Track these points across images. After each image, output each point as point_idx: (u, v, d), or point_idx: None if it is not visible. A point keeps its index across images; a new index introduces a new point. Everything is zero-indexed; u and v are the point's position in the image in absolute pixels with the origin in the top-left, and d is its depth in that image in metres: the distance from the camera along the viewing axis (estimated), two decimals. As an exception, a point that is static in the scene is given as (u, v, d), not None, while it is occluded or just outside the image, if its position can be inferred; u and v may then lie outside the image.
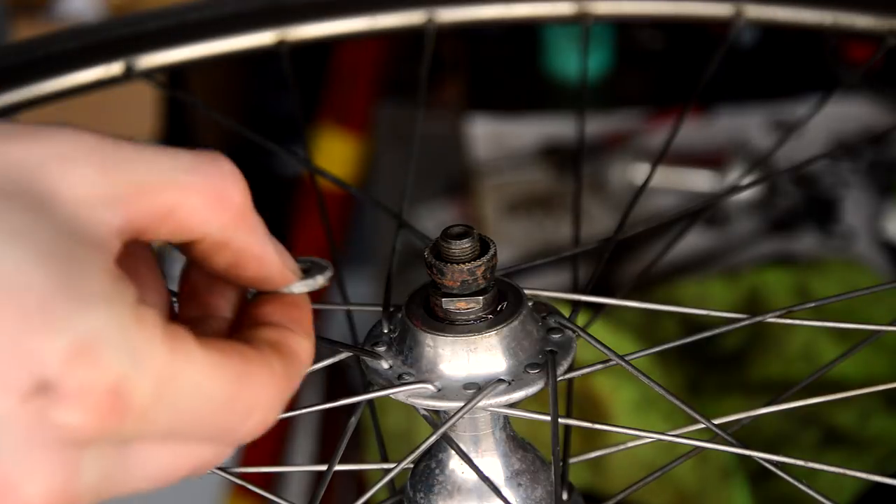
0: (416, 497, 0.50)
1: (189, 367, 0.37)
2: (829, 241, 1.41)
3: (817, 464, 0.49)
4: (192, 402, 0.37)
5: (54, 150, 0.36)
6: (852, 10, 0.70)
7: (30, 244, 0.34)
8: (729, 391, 1.17)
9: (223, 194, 0.39)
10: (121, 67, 0.67)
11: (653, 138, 1.56)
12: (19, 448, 0.34)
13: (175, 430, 0.37)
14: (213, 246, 0.40)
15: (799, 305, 0.54)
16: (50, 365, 0.34)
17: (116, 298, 0.35)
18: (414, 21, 0.70)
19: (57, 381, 0.34)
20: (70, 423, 0.34)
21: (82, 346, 0.34)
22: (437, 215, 1.55)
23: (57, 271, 0.34)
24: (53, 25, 1.77)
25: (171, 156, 0.38)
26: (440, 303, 0.48)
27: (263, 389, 0.39)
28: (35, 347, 0.34)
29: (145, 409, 0.35)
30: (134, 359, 0.35)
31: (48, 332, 0.34)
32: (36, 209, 0.35)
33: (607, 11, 0.72)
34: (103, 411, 0.34)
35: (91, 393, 0.34)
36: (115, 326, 0.35)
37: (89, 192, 0.36)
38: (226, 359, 0.38)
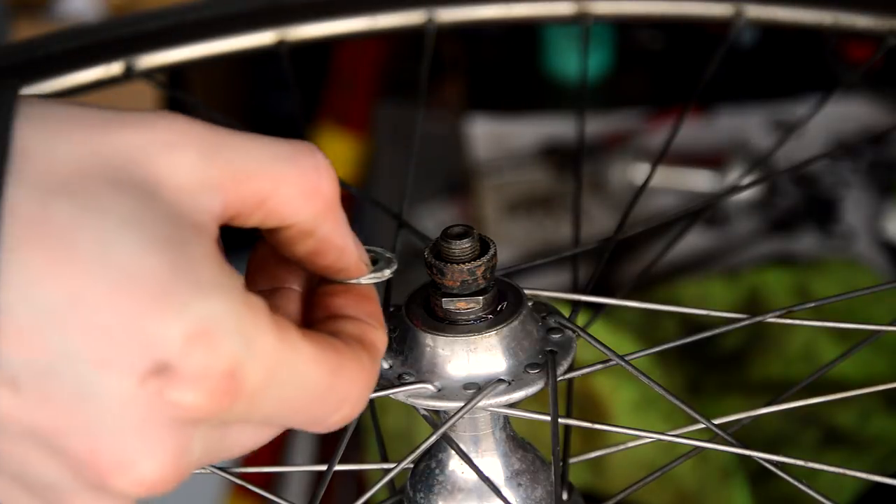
0: (416, 497, 0.50)
1: (294, 356, 0.38)
2: (829, 241, 1.41)
3: (817, 464, 0.49)
4: (294, 390, 0.38)
5: (158, 137, 0.37)
6: (852, 9, 0.70)
7: (143, 231, 0.36)
8: (729, 391, 1.17)
9: (316, 185, 0.40)
10: (121, 67, 0.67)
11: (653, 138, 1.56)
12: (136, 427, 0.36)
13: (275, 415, 0.39)
14: (299, 234, 0.41)
15: (799, 305, 0.54)
16: (169, 348, 0.35)
17: (228, 285, 0.37)
18: (414, 21, 0.70)
19: (175, 364, 0.35)
20: (187, 404, 0.36)
21: (200, 330, 0.35)
22: (437, 215, 1.55)
23: (171, 257, 0.36)
24: (53, 25, 1.77)
25: (268, 145, 0.39)
26: (440, 303, 0.48)
27: (355, 382, 0.40)
28: (155, 331, 0.35)
29: (255, 394, 0.37)
30: (247, 344, 0.36)
31: (167, 317, 0.35)
32: (144, 196, 0.36)
33: (607, 11, 0.72)
34: (218, 393, 0.36)
35: (208, 375, 0.35)
36: (230, 312, 0.36)
37: (191, 178, 0.37)
38: (324, 351, 0.39)
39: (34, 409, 0.35)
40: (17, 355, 0.35)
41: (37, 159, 0.36)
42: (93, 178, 0.36)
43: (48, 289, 0.35)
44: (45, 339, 0.35)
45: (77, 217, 0.35)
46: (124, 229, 0.35)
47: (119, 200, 0.36)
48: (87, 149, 0.37)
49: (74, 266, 0.35)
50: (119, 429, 0.36)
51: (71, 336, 0.35)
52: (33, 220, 0.35)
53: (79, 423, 0.36)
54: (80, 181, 0.36)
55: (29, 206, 0.35)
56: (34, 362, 0.35)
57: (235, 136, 0.39)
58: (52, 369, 0.35)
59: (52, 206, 0.35)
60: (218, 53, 0.69)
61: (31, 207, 0.35)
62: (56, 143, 0.36)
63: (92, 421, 0.36)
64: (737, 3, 0.71)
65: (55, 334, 0.35)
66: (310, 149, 0.40)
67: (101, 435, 0.36)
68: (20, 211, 0.35)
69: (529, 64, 1.74)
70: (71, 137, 0.37)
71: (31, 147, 0.36)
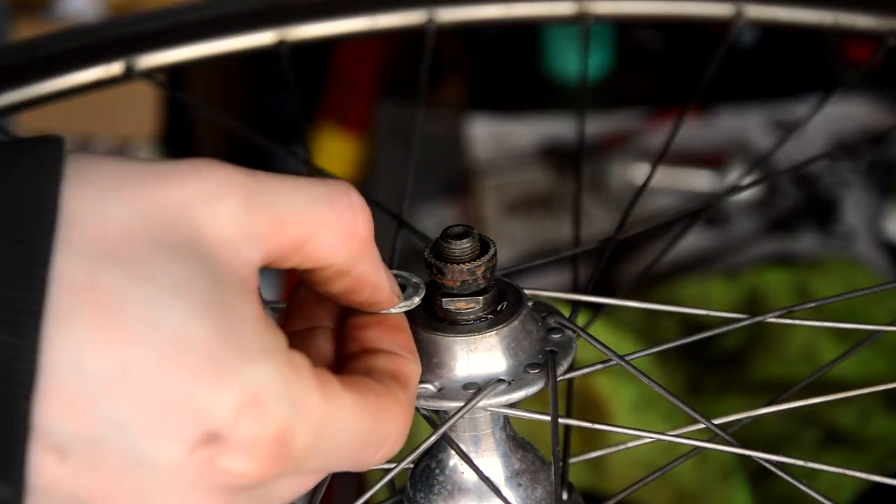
0: (416, 497, 0.50)
1: (338, 410, 0.39)
2: (829, 241, 1.41)
3: (817, 464, 0.49)
4: (339, 443, 0.39)
5: (199, 188, 0.38)
6: (853, 9, 0.70)
7: (191, 297, 0.36)
8: (729, 391, 1.17)
9: (353, 227, 0.40)
10: (121, 67, 0.67)
11: (653, 138, 1.56)
12: (185, 494, 0.36)
13: (319, 468, 0.40)
14: (336, 273, 0.42)
15: (799, 305, 0.53)
16: (219, 417, 0.36)
17: (273, 348, 0.37)
18: (414, 21, 0.70)
19: (226, 433, 0.36)
20: (237, 472, 0.36)
21: (249, 398, 0.36)
22: (437, 215, 1.55)
23: (218, 324, 0.36)
24: (54, 25, 1.77)
25: (305, 188, 0.40)
26: (440, 303, 0.48)
27: (394, 422, 0.41)
28: (205, 400, 0.35)
29: (302, 454, 0.38)
30: (295, 408, 0.37)
31: (217, 386, 0.36)
32: (190, 259, 0.37)
33: (607, 11, 0.72)
34: (268, 460, 0.37)
35: (258, 444, 0.36)
36: (277, 377, 0.37)
37: (232, 230, 0.38)
38: (364, 398, 0.40)
39: (81, 477, 0.36)
40: (66, 424, 0.35)
41: (84, 225, 0.36)
42: (139, 243, 0.36)
43: (98, 358, 0.35)
44: (94, 409, 0.35)
45: (125, 285, 0.36)
46: (172, 297, 0.36)
47: (166, 267, 0.36)
48: (132, 209, 0.37)
49: (124, 335, 0.35)
50: (167, 495, 0.36)
51: (121, 405, 0.35)
52: (82, 288, 0.35)
53: (127, 490, 0.36)
54: (128, 247, 0.36)
55: (77, 274, 0.35)
56: (83, 430, 0.35)
57: (274, 181, 0.39)
58: (101, 438, 0.35)
59: (101, 275, 0.36)
60: (218, 53, 0.69)
61: (79, 276, 0.35)
62: (102, 205, 0.36)
63: (140, 487, 0.36)
64: (737, 4, 0.71)
65: (105, 403, 0.35)
66: (344, 188, 0.41)
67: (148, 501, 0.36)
68: (68, 279, 0.35)
69: (529, 64, 1.74)
70: (116, 197, 0.37)
71: (78, 211, 0.36)
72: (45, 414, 0.35)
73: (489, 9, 0.71)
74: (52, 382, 0.35)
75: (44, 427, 0.35)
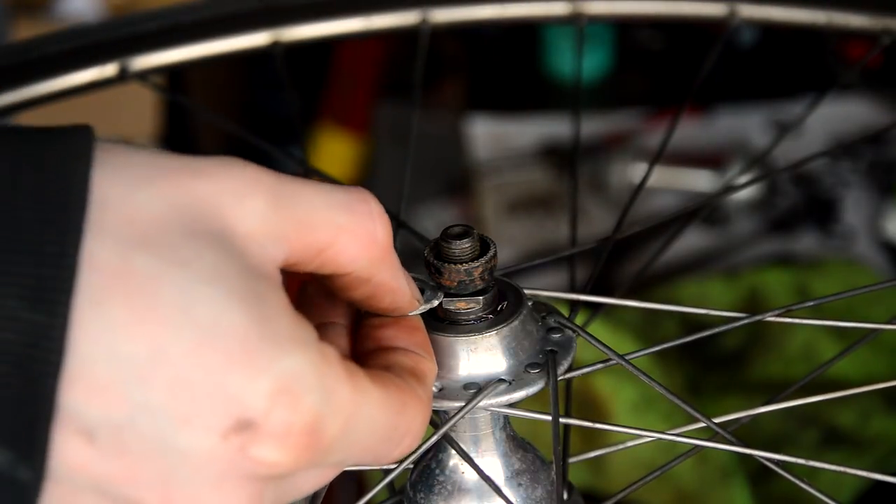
0: (416, 497, 0.50)
1: (367, 403, 0.39)
2: (829, 241, 1.41)
3: (817, 463, 0.49)
4: (364, 434, 0.39)
5: (228, 186, 0.38)
6: (846, 9, 0.70)
7: (224, 285, 0.36)
8: (729, 391, 1.17)
9: (372, 234, 0.41)
10: (115, 69, 0.67)
11: (652, 138, 1.56)
12: (214, 481, 0.36)
13: (345, 459, 0.40)
14: (356, 280, 0.42)
15: (799, 305, 0.53)
16: (253, 406, 0.35)
17: (305, 339, 0.37)
18: (408, 21, 0.70)
19: (259, 421, 0.36)
20: (269, 461, 0.36)
21: (283, 387, 0.36)
22: (437, 215, 1.55)
23: (251, 312, 0.36)
24: (53, 25, 1.77)
25: (326, 193, 0.40)
26: (441, 303, 0.48)
27: (415, 417, 0.41)
28: (238, 388, 0.35)
29: (332, 444, 0.38)
30: (327, 398, 0.37)
31: (251, 374, 0.35)
32: (222, 248, 0.37)
33: (601, 11, 0.72)
34: (300, 449, 0.36)
35: (291, 432, 0.36)
36: (310, 367, 0.37)
37: (259, 227, 0.38)
38: (388, 392, 0.40)
39: (107, 462, 0.36)
40: (95, 407, 0.35)
41: (115, 210, 0.36)
42: (171, 230, 0.36)
43: (131, 342, 0.35)
44: (126, 393, 0.35)
45: (159, 270, 0.35)
46: (206, 284, 0.36)
47: (199, 254, 0.36)
48: (163, 199, 0.37)
49: (157, 320, 0.35)
50: (196, 482, 0.36)
51: (153, 390, 0.35)
52: (115, 272, 0.35)
53: (154, 475, 0.36)
54: (160, 233, 0.36)
55: (110, 258, 0.35)
56: (113, 414, 0.35)
57: (299, 184, 0.39)
58: (132, 422, 0.35)
59: (134, 259, 0.35)
60: (213, 54, 0.69)
61: (111, 260, 0.35)
62: (133, 193, 0.36)
63: (168, 472, 0.36)
64: (731, 3, 0.71)
65: (137, 388, 0.35)
66: (364, 195, 0.41)
67: (176, 487, 0.36)
68: (101, 263, 0.35)
69: (529, 64, 1.74)
70: (148, 187, 0.37)
71: (109, 197, 0.36)
72: (73, 396, 0.35)
73: (484, 9, 0.71)
74: (82, 364, 0.35)
75: (71, 409, 0.35)
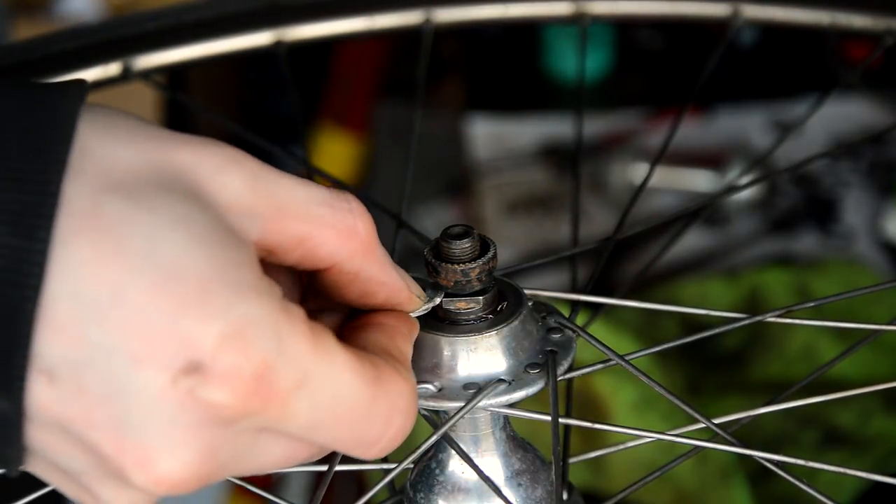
0: (417, 497, 0.50)
1: (330, 364, 0.39)
2: (829, 241, 1.41)
3: (817, 463, 0.49)
4: (332, 398, 0.39)
5: (210, 160, 0.39)
6: (850, 9, 0.70)
7: (190, 230, 0.37)
8: (729, 391, 1.17)
9: (352, 227, 0.41)
10: (118, 68, 0.67)
11: (653, 138, 1.56)
12: (164, 425, 0.36)
13: (314, 427, 0.39)
14: (344, 276, 0.42)
15: (799, 305, 0.53)
16: (203, 347, 0.36)
17: (267, 290, 0.37)
18: (411, 21, 0.70)
19: (208, 363, 0.36)
20: (216, 402, 0.36)
21: (235, 331, 0.36)
22: (437, 215, 1.55)
23: (214, 258, 0.37)
24: (53, 25, 1.77)
25: (306, 186, 0.41)
26: (440, 302, 0.48)
27: (400, 394, 0.41)
28: (191, 330, 0.36)
29: (288, 398, 0.37)
30: (281, 348, 0.37)
31: (205, 317, 0.36)
32: (193, 201, 0.37)
33: (605, 11, 0.72)
34: (247, 393, 0.36)
35: (239, 376, 0.36)
36: (266, 316, 0.37)
37: (235, 200, 0.39)
38: (361, 361, 0.40)
39: (67, 401, 0.36)
40: (57, 346, 0.36)
41: (95, 158, 0.37)
42: (146, 181, 0.37)
43: (92, 282, 0.36)
44: (84, 332, 0.36)
45: (127, 213, 0.36)
46: (172, 228, 0.36)
47: (169, 201, 0.37)
48: (144, 157, 0.38)
49: (120, 261, 0.36)
50: (146, 425, 0.36)
51: (109, 330, 0.36)
52: (85, 214, 0.36)
53: (108, 418, 0.36)
54: (134, 182, 0.37)
55: (82, 200, 0.36)
56: (72, 354, 0.36)
57: (279, 174, 0.40)
58: (89, 362, 0.36)
59: (105, 203, 0.36)
60: (215, 54, 0.69)
61: (84, 202, 0.36)
62: (115, 148, 0.38)
63: (121, 416, 0.36)
64: (734, 3, 0.71)
65: (94, 327, 0.36)
66: (344, 194, 0.42)
67: (128, 430, 0.36)
68: (73, 205, 0.36)
69: (529, 64, 1.74)
70: (130, 145, 0.38)
71: (91, 147, 0.37)
72: (38, 336, 0.36)
73: (487, 9, 0.71)
74: (47, 303, 0.35)
75: (36, 349, 0.36)
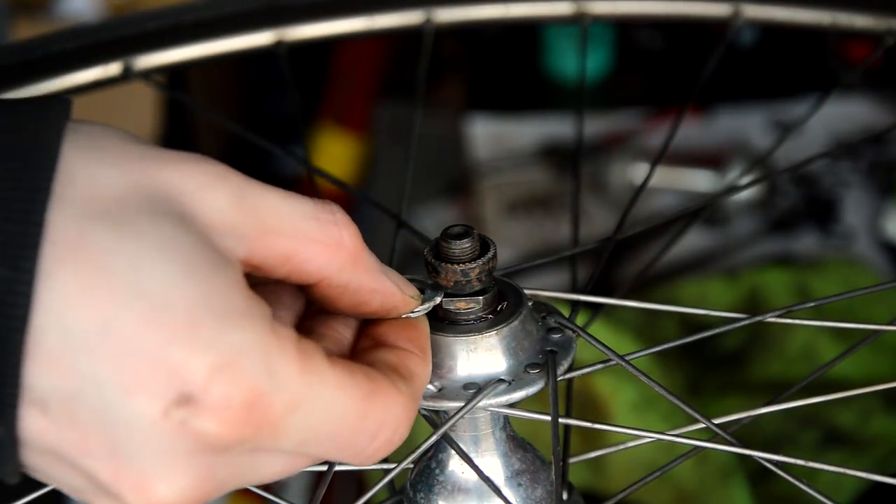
0: (416, 497, 0.50)
1: (320, 384, 0.39)
2: (829, 241, 1.41)
3: (817, 463, 0.49)
4: (322, 417, 0.39)
5: (195, 177, 0.39)
6: (850, 9, 0.70)
7: (178, 257, 0.37)
8: (729, 391, 1.17)
9: (339, 241, 0.41)
10: (119, 68, 0.67)
11: (653, 138, 1.56)
12: (159, 454, 0.37)
13: (307, 443, 0.39)
14: (334, 289, 0.42)
15: (799, 305, 0.53)
16: (194, 379, 0.36)
17: (255, 314, 0.38)
18: (412, 21, 0.70)
19: (199, 395, 0.36)
20: (209, 433, 0.36)
21: (225, 361, 0.36)
22: (437, 215, 1.55)
23: (201, 285, 0.37)
24: (53, 25, 1.77)
25: (291, 201, 0.41)
26: (440, 303, 0.48)
27: (391, 409, 0.41)
28: (181, 361, 0.36)
29: (279, 422, 0.38)
30: (271, 375, 0.37)
31: (195, 348, 0.36)
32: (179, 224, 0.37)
33: (605, 11, 0.72)
34: (240, 423, 0.37)
35: (230, 406, 0.36)
36: (256, 343, 0.37)
37: (220, 220, 0.39)
38: (354, 378, 0.40)
39: (61, 431, 0.36)
40: (47, 378, 0.36)
41: (79, 184, 0.37)
42: (132, 206, 0.37)
43: (81, 314, 0.36)
44: (74, 364, 0.36)
45: (113, 243, 0.36)
46: (159, 255, 0.36)
47: (155, 227, 0.37)
48: (128, 179, 0.37)
49: (108, 292, 0.36)
50: (141, 454, 0.36)
51: (100, 362, 0.36)
52: (71, 243, 0.36)
53: (103, 447, 0.36)
54: (119, 208, 0.37)
55: (67, 229, 0.36)
56: (63, 385, 0.36)
57: (264, 189, 0.40)
58: (80, 394, 0.36)
59: (90, 231, 0.36)
60: (216, 54, 0.69)
61: (69, 231, 0.36)
62: (99, 170, 0.37)
63: (116, 445, 0.36)
64: (735, 3, 0.71)
65: (85, 360, 0.36)
66: (329, 205, 0.42)
67: (123, 458, 0.37)
68: (59, 235, 0.36)
69: (529, 64, 1.74)
70: (114, 167, 0.38)
71: (75, 171, 0.37)
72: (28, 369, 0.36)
73: (487, 9, 0.71)
74: (33, 335, 0.35)
75: (27, 382, 0.36)
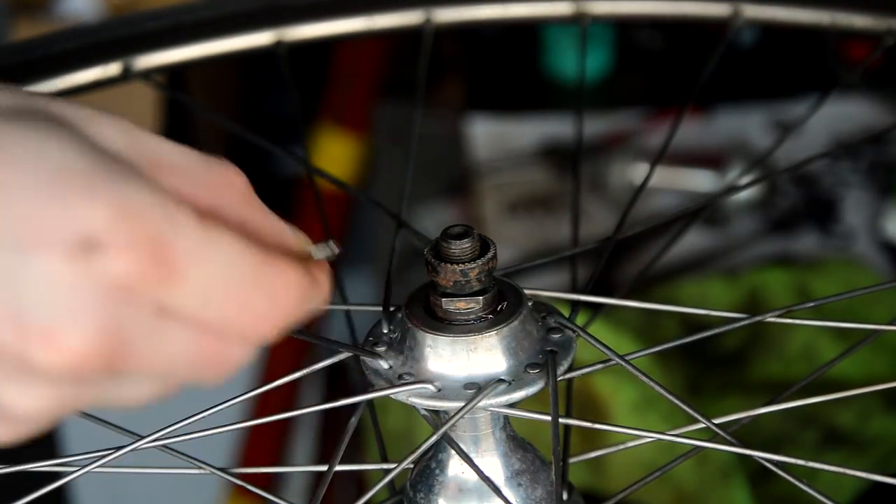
0: (416, 497, 0.50)
1: (219, 238, 0.39)
2: (829, 241, 1.41)
3: (817, 463, 0.49)
4: (223, 272, 0.39)
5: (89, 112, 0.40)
6: (850, 9, 0.70)
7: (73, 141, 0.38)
8: (729, 391, 1.17)
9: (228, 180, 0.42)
10: (118, 68, 0.67)
11: (653, 138, 1.56)
12: (63, 302, 0.36)
13: (209, 301, 0.39)
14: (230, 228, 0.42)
15: (799, 305, 0.53)
16: (96, 225, 0.36)
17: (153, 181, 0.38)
18: (412, 21, 0.70)
19: (103, 238, 0.36)
20: (114, 272, 0.37)
21: (126, 210, 0.37)
22: (437, 215, 1.55)
23: (98, 158, 0.38)
24: (53, 25, 1.77)
25: (182, 148, 0.42)
26: (440, 303, 0.48)
27: (285, 271, 0.41)
28: (82, 211, 0.36)
29: (182, 270, 0.38)
30: (172, 223, 0.38)
31: (94, 199, 0.37)
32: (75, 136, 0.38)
33: (605, 11, 0.72)
34: (145, 262, 0.37)
35: (135, 247, 0.37)
36: (153, 196, 0.38)
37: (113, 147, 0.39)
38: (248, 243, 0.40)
39: None
40: None
41: None
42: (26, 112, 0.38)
43: None
44: None
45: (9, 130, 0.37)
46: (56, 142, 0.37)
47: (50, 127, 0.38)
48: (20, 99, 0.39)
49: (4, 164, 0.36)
50: (46, 306, 0.36)
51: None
52: None
53: (5, 307, 0.36)
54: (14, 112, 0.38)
55: None
56: None
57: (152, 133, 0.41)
58: None
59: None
60: (216, 54, 0.69)
61: None
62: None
63: (18, 303, 0.36)
64: (735, 3, 0.71)
65: None
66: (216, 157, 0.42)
67: (27, 314, 0.36)
68: None
69: (529, 64, 1.74)
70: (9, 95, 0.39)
71: None
72: None
73: (487, 9, 0.71)
74: None
75: None
